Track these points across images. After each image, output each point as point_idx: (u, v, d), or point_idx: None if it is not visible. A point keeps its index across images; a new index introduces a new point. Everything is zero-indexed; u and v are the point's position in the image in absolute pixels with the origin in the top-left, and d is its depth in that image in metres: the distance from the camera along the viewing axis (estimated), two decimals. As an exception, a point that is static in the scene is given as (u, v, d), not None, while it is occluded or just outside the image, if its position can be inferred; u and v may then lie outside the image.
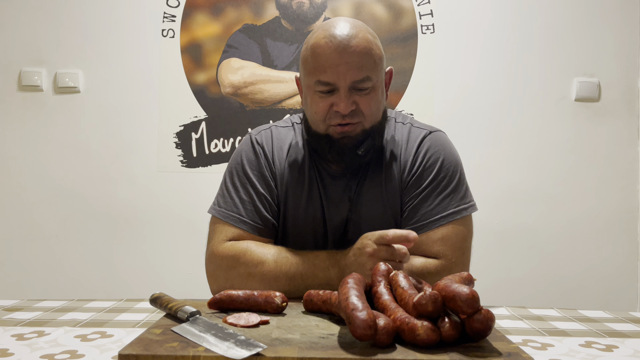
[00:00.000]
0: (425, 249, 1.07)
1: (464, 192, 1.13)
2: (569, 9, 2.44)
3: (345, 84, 1.03)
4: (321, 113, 1.07)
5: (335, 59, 1.02)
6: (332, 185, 1.15)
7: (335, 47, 1.02)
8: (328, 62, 1.02)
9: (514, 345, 0.67)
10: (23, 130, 2.45)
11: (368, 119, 1.07)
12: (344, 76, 1.02)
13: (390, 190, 1.13)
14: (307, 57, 1.07)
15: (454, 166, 1.14)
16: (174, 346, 0.64)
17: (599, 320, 1.01)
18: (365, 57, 1.03)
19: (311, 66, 1.06)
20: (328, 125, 1.07)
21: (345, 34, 1.03)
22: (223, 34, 2.46)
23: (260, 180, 1.15)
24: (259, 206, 1.13)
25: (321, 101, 1.06)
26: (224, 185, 1.18)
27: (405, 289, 0.73)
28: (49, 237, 2.44)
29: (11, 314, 0.99)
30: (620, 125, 2.44)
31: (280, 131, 1.22)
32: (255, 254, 1.05)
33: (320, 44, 1.04)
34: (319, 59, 1.04)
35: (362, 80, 1.03)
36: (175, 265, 2.43)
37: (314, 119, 1.09)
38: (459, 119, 2.44)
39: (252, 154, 1.18)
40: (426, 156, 1.13)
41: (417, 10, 2.45)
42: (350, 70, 1.02)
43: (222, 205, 1.15)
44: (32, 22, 2.44)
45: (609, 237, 2.43)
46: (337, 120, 1.06)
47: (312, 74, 1.05)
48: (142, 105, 2.46)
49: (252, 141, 1.20)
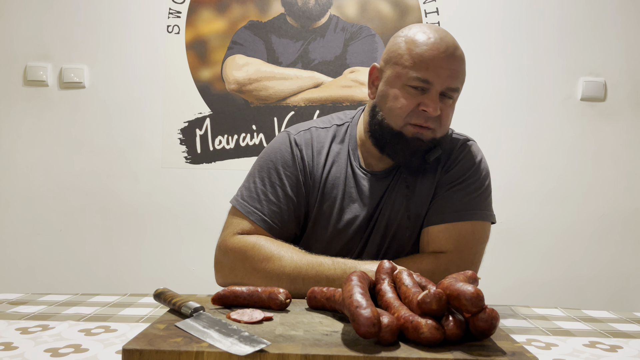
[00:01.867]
0: (442, 240, 1.08)
1: (488, 201, 1.16)
2: (574, 8, 2.42)
3: (440, 87, 1.04)
4: (405, 109, 1.06)
5: (441, 60, 1.03)
6: (369, 187, 1.14)
7: (444, 49, 1.04)
8: (433, 62, 1.03)
9: (518, 345, 0.67)
10: (28, 125, 2.46)
11: (442, 129, 1.09)
12: (444, 80, 1.04)
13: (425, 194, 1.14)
14: (405, 50, 1.06)
15: (485, 174, 1.17)
16: (178, 341, 0.65)
17: (603, 321, 1.01)
18: (463, 68, 1.08)
19: (411, 60, 1.05)
20: (407, 123, 1.07)
21: (452, 42, 1.06)
22: (228, 31, 2.46)
23: (292, 183, 1.13)
24: (284, 209, 1.12)
25: (409, 97, 1.05)
26: (252, 179, 1.15)
27: (409, 287, 0.73)
28: (54, 231, 2.45)
29: (15, 308, 0.99)
30: (626, 125, 2.43)
31: (320, 133, 1.19)
32: (262, 250, 1.05)
33: (427, 42, 1.05)
34: (424, 55, 1.04)
35: (454, 89, 1.06)
36: (179, 261, 2.43)
37: (395, 113, 1.07)
38: (464, 117, 2.42)
39: (289, 155, 1.15)
40: (464, 159, 1.15)
41: (423, 8, 2.44)
42: (450, 77, 1.04)
43: (246, 198, 1.13)
44: (37, 17, 2.45)
45: (614, 237, 2.42)
46: (421, 120, 1.06)
47: (411, 68, 1.05)
48: (146, 101, 2.46)
49: (290, 141, 1.16)
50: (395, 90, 1.07)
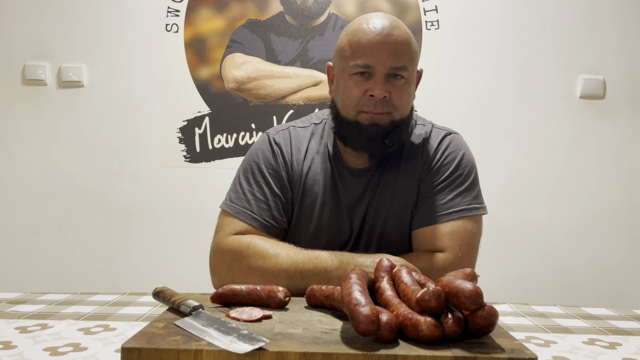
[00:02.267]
0: (434, 240, 1.08)
1: (477, 193, 1.15)
2: (574, 5, 2.42)
3: (383, 69, 1.04)
4: (354, 98, 1.07)
5: (377, 43, 1.04)
6: (350, 183, 1.15)
7: (379, 32, 1.05)
8: (369, 46, 1.04)
9: (517, 342, 0.67)
10: (27, 124, 2.45)
11: (398, 111, 1.08)
12: (384, 61, 1.04)
13: (409, 190, 1.14)
14: (346, 42, 1.08)
15: (470, 166, 1.16)
16: (177, 340, 0.65)
17: (602, 318, 1.01)
18: (406, 47, 1.06)
19: (350, 50, 1.07)
20: (359, 111, 1.08)
21: (388, 24, 1.06)
22: (227, 29, 2.46)
23: (275, 180, 1.15)
24: (272, 205, 1.13)
25: (356, 86, 1.07)
26: (237, 182, 1.18)
27: (408, 284, 0.73)
28: (53, 230, 2.45)
29: (14, 307, 0.99)
30: (625, 122, 2.43)
31: (298, 132, 1.21)
32: (257, 249, 1.05)
33: (363, 29, 1.06)
34: (359, 42, 1.05)
35: (399, 68, 1.05)
36: (178, 260, 2.43)
37: (345, 104, 1.09)
38: (463, 115, 2.44)
39: (270, 154, 1.17)
40: (445, 153, 1.15)
41: (422, 6, 2.44)
42: (391, 57, 1.04)
43: (234, 200, 1.14)
44: (36, 16, 2.44)
45: (612, 235, 2.42)
46: (370, 107, 1.06)
47: (351, 57, 1.06)
48: (145, 100, 2.46)
49: (270, 140, 1.19)
50: (343, 82, 1.09)
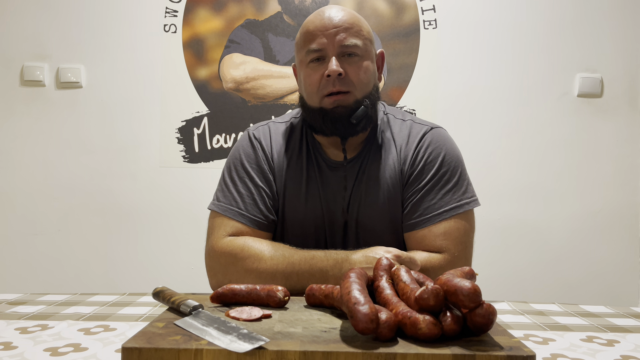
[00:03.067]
0: (428, 243, 1.08)
1: (466, 187, 1.13)
2: (571, 4, 2.43)
3: (334, 49, 1.08)
4: (314, 84, 1.10)
5: (324, 26, 1.09)
6: (330, 177, 1.15)
7: (325, 16, 1.10)
8: (317, 32, 1.09)
9: (515, 340, 0.67)
10: (25, 125, 2.45)
11: (359, 88, 1.10)
12: (332, 41, 1.08)
13: (389, 183, 1.14)
14: (298, 35, 1.14)
15: (456, 161, 1.14)
16: (177, 339, 0.65)
17: (600, 315, 1.02)
18: (353, 26, 1.10)
19: (302, 40, 1.12)
20: (322, 96, 1.10)
21: (333, 10, 1.12)
22: (225, 29, 2.46)
23: (259, 174, 1.16)
24: (258, 200, 1.14)
25: (313, 73, 1.10)
26: (222, 181, 1.19)
27: (407, 283, 0.73)
28: (52, 231, 2.45)
29: (15, 308, 0.99)
30: (622, 121, 2.44)
31: (278, 127, 1.23)
32: (252, 251, 1.05)
33: (311, 19, 1.12)
34: (308, 31, 1.11)
35: (349, 45, 1.08)
36: (177, 260, 2.44)
37: (308, 92, 1.12)
38: (461, 114, 2.44)
39: (250, 149, 1.19)
40: (427, 151, 1.14)
41: (420, 5, 2.44)
42: (339, 35, 1.08)
43: (221, 199, 1.15)
44: (34, 17, 2.44)
45: (610, 233, 2.43)
46: (329, 88, 1.08)
47: (303, 46, 1.11)
48: (144, 100, 2.46)
49: (249, 136, 1.21)
50: (303, 72, 1.13)
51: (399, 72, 2.43)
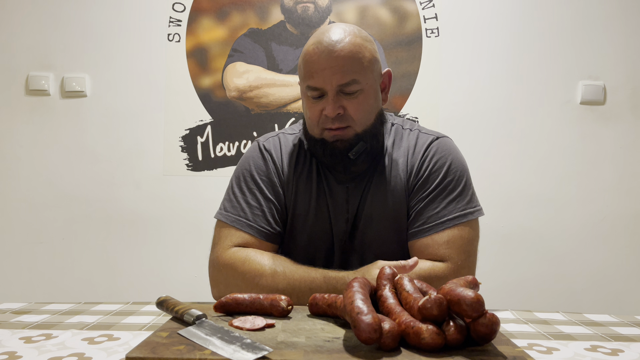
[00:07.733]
0: (432, 251, 1.08)
1: (470, 197, 1.14)
2: (573, 11, 2.43)
3: (332, 88, 1.06)
4: (314, 118, 1.10)
5: (320, 63, 1.05)
6: (338, 190, 1.16)
7: (321, 52, 1.06)
8: (314, 68, 1.06)
9: (519, 349, 0.67)
10: (30, 134, 2.47)
11: (358, 123, 1.09)
12: (330, 80, 1.05)
13: (396, 195, 1.14)
14: (301, 62, 1.12)
15: (461, 170, 1.14)
16: (181, 349, 0.65)
17: (604, 324, 1.01)
18: (351, 60, 1.06)
19: (302, 72, 1.10)
20: (322, 129, 1.10)
21: (333, 39, 1.06)
22: (228, 38, 2.48)
23: (268, 186, 1.16)
24: (266, 211, 1.14)
25: (313, 106, 1.10)
26: (230, 190, 1.19)
27: (410, 292, 0.73)
28: (56, 240, 2.46)
29: (19, 317, 0.99)
30: (625, 128, 2.43)
31: (287, 138, 1.23)
32: (253, 265, 1.05)
33: (309, 51, 1.08)
34: (307, 65, 1.08)
35: (348, 83, 1.06)
36: (181, 269, 2.44)
37: (309, 123, 1.13)
38: (464, 122, 2.44)
39: (261, 160, 1.19)
40: (433, 160, 1.14)
41: (422, 14, 2.45)
42: (336, 74, 1.05)
43: (229, 209, 1.15)
44: (39, 27, 2.46)
45: (614, 241, 2.42)
46: (328, 124, 1.09)
47: (303, 80, 1.10)
48: (148, 109, 2.47)
49: (260, 147, 1.21)
50: (305, 102, 1.13)
51: (402, 80, 2.44)
